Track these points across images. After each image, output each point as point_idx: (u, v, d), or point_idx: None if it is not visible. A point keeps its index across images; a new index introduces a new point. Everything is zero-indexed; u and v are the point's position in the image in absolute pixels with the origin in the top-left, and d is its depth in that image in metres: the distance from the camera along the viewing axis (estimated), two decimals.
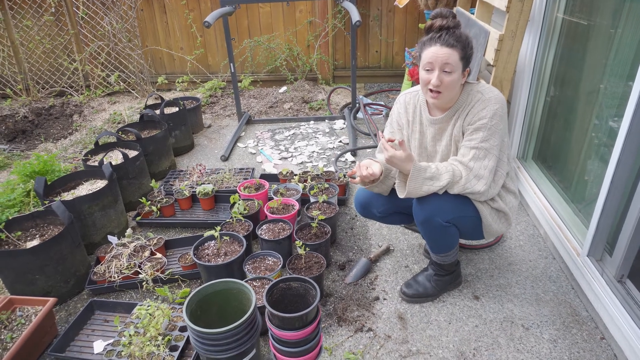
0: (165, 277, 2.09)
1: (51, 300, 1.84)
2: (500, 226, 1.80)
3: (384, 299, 2.00)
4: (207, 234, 2.05)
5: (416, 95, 1.85)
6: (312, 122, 4.02)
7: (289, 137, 3.73)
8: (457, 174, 1.65)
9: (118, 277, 2.09)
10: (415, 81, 3.85)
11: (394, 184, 1.89)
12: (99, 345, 1.77)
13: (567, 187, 2.31)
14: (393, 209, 1.97)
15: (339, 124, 3.92)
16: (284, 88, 4.81)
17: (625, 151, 1.61)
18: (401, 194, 1.69)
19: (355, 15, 2.97)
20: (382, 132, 1.97)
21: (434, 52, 1.57)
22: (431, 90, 1.63)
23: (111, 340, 1.76)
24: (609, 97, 1.94)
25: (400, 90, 4.63)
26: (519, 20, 2.14)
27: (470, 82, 1.71)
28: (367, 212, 2.01)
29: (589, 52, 2.11)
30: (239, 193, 2.53)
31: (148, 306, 1.82)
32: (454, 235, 1.79)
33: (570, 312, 1.89)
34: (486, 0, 2.50)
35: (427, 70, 1.62)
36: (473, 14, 2.95)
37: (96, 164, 2.64)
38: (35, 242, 2.05)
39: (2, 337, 1.74)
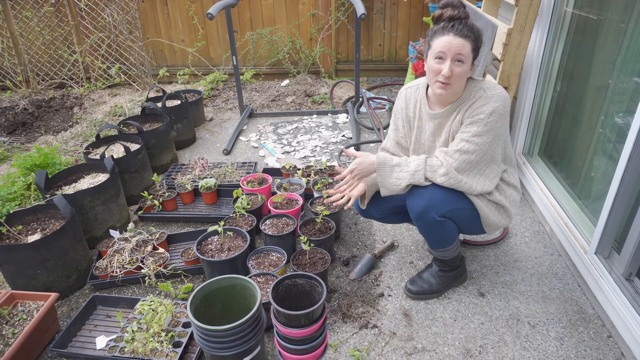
0: (167, 272, 2.07)
1: (53, 295, 1.82)
2: (500, 219, 1.77)
3: (389, 296, 1.98)
4: (211, 229, 2.03)
5: (417, 89, 1.82)
6: (314, 115, 3.99)
7: (291, 131, 3.70)
8: (432, 162, 1.66)
9: (120, 272, 2.07)
10: (419, 75, 3.82)
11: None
12: (101, 341, 1.75)
13: (573, 183, 2.28)
14: (392, 209, 1.94)
15: (342, 117, 3.89)
16: (286, 81, 4.77)
17: (637, 148, 1.58)
18: (382, 193, 1.73)
19: (360, 8, 2.93)
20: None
21: (448, 42, 1.52)
22: (439, 81, 1.59)
23: (114, 336, 1.75)
24: (618, 93, 1.91)
25: (403, 84, 4.59)
26: (528, 14, 2.11)
27: (474, 79, 1.68)
28: (367, 213, 1.99)
29: (599, 47, 2.08)
30: (242, 187, 2.50)
31: (151, 302, 1.80)
32: (450, 230, 1.75)
33: (577, 309, 1.87)
34: None
35: (439, 59, 1.56)
36: (479, 7, 2.91)
37: (98, 157, 2.61)
38: (36, 237, 2.03)
39: (4, 333, 1.73)
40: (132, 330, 1.69)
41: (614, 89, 1.94)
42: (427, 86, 1.78)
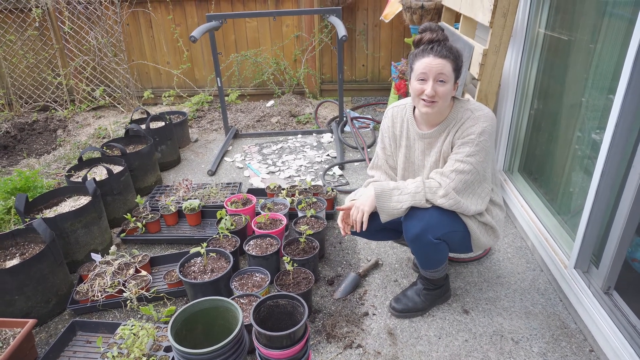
0: (150, 296, 2.04)
1: (30, 321, 1.78)
2: (488, 239, 1.81)
3: (373, 315, 1.97)
4: (193, 250, 2.02)
5: (403, 108, 1.86)
6: (299, 135, 4.02)
7: (276, 151, 3.72)
8: (430, 184, 1.66)
9: (101, 296, 2.03)
10: (401, 95, 3.89)
11: None
12: None
13: (552, 199, 2.32)
14: (380, 225, 1.95)
15: (327, 137, 3.93)
16: (271, 102, 4.82)
17: (609, 163, 1.63)
18: (383, 219, 1.71)
19: (341, 30, 3.00)
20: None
21: (428, 63, 1.58)
22: (424, 100, 1.63)
23: None
24: (591, 109, 1.97)
25: (387, 103, 4.66)
26: (502, 36, 2.18)
27: (460, 99, 1.72)
28: (355, 232, 1.97)
29: (570, 66, 2.15)
30: (225, 208, 2.50)
31: (132, 326, 1.77)
32: (443, 251, 1.78)
33: (559, 324, 1.89)
34: (470, 16, 2.54)
35: (421, 80, 1.61)
36: (457, 28, 2.99)
37: (80, 179, 2.59)
38: (15, 262, 2.00)
39: None
40: (113, 356, 1.66)
41: (587, 106, 2.00)
42: (414, 106, 1.82)
